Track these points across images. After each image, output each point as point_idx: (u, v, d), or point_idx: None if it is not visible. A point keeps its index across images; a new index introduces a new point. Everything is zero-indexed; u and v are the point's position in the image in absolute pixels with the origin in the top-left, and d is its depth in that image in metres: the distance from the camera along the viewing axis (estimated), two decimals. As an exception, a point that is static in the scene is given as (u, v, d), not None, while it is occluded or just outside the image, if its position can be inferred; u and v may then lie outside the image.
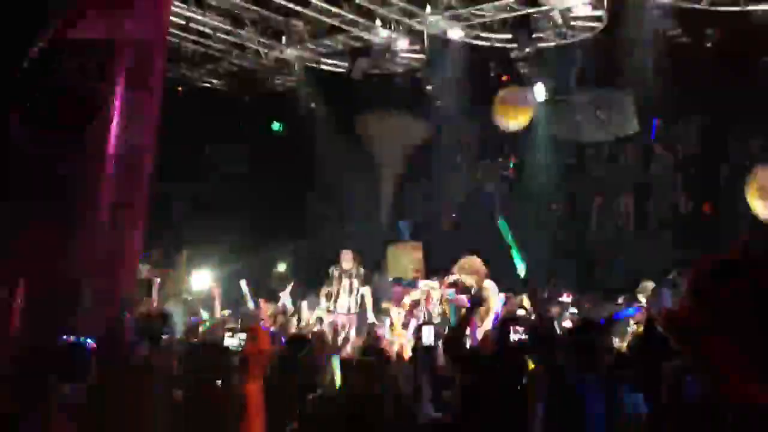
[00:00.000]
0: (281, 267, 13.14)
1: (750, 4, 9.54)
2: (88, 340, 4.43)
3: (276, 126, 17.06)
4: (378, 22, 11.57)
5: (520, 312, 7.99)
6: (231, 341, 4.16)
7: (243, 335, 4.05)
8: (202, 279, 9.68)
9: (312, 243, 14.57)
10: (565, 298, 8.99)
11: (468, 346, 4.71)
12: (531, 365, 3.94)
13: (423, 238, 11.52)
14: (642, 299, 8.54)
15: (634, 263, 10.84)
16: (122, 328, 5.25)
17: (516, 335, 4.09)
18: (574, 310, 8.91)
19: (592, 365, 3.81)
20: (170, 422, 4.08)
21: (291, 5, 11.33)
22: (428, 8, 10.97)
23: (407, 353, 7.00)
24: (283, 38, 12.55)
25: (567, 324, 8.02)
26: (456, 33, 11.49)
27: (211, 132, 16.64)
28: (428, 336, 4.33)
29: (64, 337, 4.46)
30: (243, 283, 9.22)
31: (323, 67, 13.27)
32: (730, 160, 12.15)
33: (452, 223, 13.45)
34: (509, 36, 11.09)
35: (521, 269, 8.78)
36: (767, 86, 10.83)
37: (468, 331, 6.35)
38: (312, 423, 4.08)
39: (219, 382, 4.07)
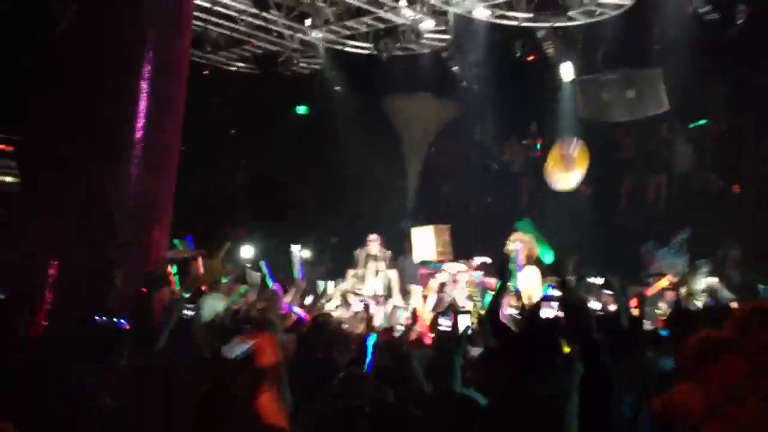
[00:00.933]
0: (305, 253, 13.16)
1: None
2: (121, 321, 4.49)
3: (301, 109, 17.09)
4: (403, 3, 11.49)
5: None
6: (236, 350, 3.51)
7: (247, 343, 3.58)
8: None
9: (340, 226, 14.60)
10: (596, 280, 8.90)
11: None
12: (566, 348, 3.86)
13: (449, 220, 11.45)
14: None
15: (663, 245, 10.71)
16: (151, 307, 5.31)
17: (549, 311, 4.04)
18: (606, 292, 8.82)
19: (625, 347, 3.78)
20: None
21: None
22: (453, -12, 10.88)
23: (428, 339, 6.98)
24: (308, 20, 12.52)
25: (596, 305, 7.96)
26: (481, 12, 11.37)
27: (237, 115, 16.74)
28: (463, 325, 4.23)
29: (96, 318, 4.52)
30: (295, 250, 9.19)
31: (348, 49, 13.22)
32: (760, 141, 11.94)
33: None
34: (535, 14, 10.94)
35: (548, 258, 8.77)
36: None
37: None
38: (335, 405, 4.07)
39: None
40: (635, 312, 4.75)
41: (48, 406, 3.44)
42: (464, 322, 4.27)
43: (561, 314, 4.12)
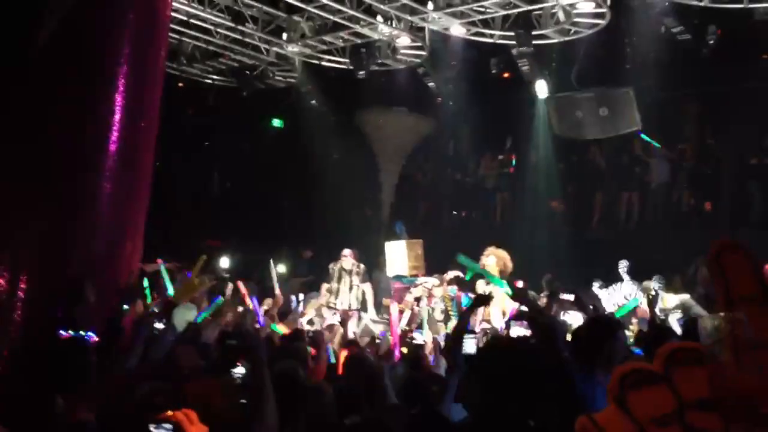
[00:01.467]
0: (280, 267, 13.12)
1: (752, 2, 9.51)
2: (89, 334, 4.41)
3: (276, 122, 17.08)
4: (379, 19, 11.56)
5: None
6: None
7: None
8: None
9: (315, 239, 14.56)
10: (566, 296, 8.95)
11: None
12: None
13: (422, 235, 11.49)
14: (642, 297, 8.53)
15: (635, 261, 10.83)
16: (120, 322, 5.24)
17: (519, 329, 4.02)
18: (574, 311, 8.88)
19: (601, 363, 3.77)
20: None
21: (292, 1, 11.32)
22: (430, 5, 10.95)
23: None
24: (284, 35, 12.54)
25: (569, 321, 8.01)
26: (457, 29, 11.47)
27: (211, 127, 16.68)
28: (470, 347, 4.10)
29: (62, 332, 4.44)
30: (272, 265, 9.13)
31: (324, 63, 13.25)
32: (731, 158, 12.15)
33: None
34: (510, 33, 11.07)
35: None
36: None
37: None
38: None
39: None
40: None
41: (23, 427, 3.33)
42: (469, 342, 4.13)
43: (529, 333, 4.12)
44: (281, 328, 6.67)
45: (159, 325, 5.30)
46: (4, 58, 5.73)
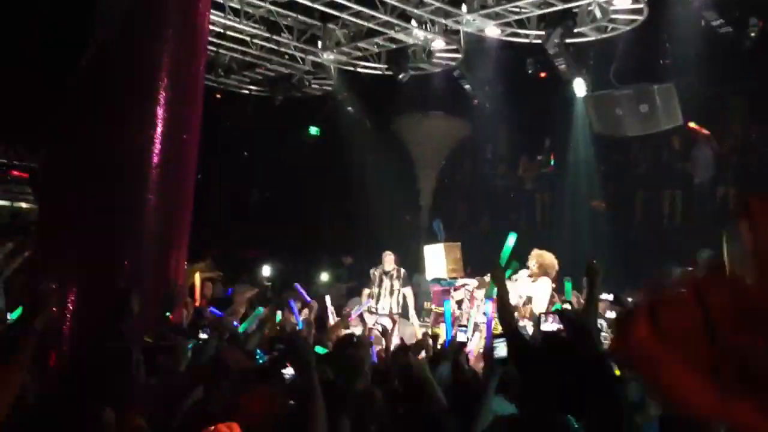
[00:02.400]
0: (324, 276, 13.20)
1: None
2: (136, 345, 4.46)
3: (313, 130, 17.19)
4: (414, 23, 11.56)
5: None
6: None
7: None
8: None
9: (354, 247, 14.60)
10: (606, 296, 8.81)
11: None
12: None
13: (462, 239, 11.43)
14: None
15: (679, 260, 10.63)
16: (164, 330, 5.30)
17: (551, 325, 3.96)
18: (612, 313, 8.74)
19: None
20: None
21: (327, 9, 11.38)
22: (464, 7, 10.91)
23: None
24: (319, 43, 12.62)
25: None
26: (492, 31, 11.41)
27: (249, 138, 16.85)
28: (501, 350, 4.06)
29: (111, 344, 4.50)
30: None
31: (359, 70, 13.30)
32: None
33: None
34: (546, 32, 10.96)
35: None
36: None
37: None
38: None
39: None
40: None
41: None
42: (500, 345, 4.09)
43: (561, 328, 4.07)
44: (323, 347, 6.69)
45: (203, 335, 5.37)
46: (53, 79, 5.87)
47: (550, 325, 4.94)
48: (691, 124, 11.94)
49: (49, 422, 3.17)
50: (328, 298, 9.63)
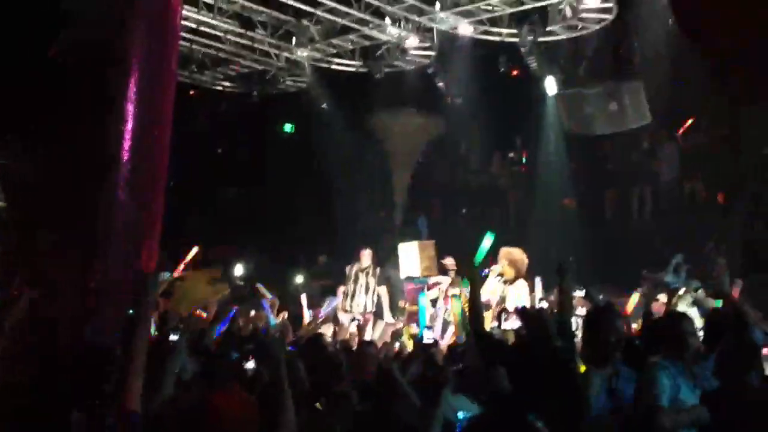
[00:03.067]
0: (299, 276, 13.19)
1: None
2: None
3: (288, 127, 17.15)
4: (388, 21, 11.60)
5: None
6: None
7: None
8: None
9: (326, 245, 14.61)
10: (578, 292, 8.92)
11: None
12: None
13: (436, 236, 11.51)
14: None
15: (649, 256, 10.80)
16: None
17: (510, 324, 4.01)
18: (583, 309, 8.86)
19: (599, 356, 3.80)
20: None
21: (301, 6, 11.38)
22: (437, 5, 10.98)
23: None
24: (294, 39, 12.61)
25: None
26: (465, 29, 11.49)
27: (223, 134, 16.77)
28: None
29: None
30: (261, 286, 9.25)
31: (334, 66, 13.31)
32: (743, 149, 12.07)
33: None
34: (517, 30, 11.06)
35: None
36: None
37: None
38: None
39: None
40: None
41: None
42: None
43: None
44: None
45: (174, 337, 5.36)
46: (19, 75, 5.82)
47: (512, 323, 5.02)
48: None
49: (20, 423, 3.17)
50: (303, 297, 9.66)
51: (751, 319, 4.68)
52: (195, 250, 8.69)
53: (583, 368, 3.86)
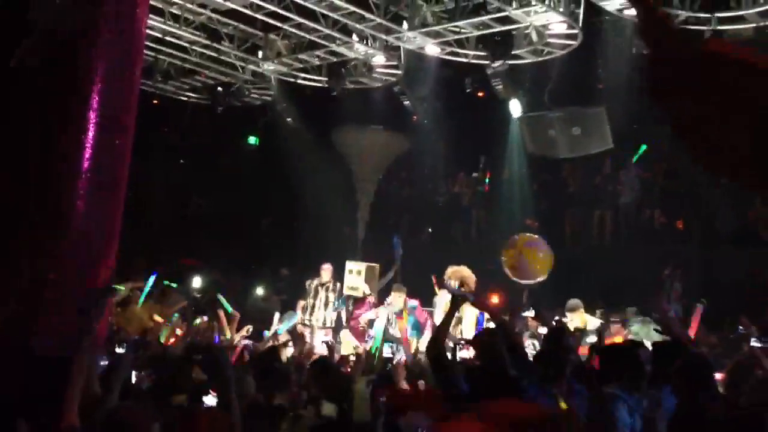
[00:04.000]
0: (260, 289, 13.09)
1: (722, 24, 9.70)
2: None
3: (252, 140, 17.08)
4: (355, 38, 11.64)
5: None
6: None
7: None
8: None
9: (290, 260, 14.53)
10: (527, 312, 8.95)
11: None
12: None
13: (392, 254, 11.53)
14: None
15: (609, 279, 10.94)
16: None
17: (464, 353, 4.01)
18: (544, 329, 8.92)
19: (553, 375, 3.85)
20: None
21: (268, 20, 11.37)
22: (405, 24, 11.05)
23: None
24: (260, 53, 12.58)
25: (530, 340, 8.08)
26: (432, 49, 11.58)
27: (187, 145, 16.62)
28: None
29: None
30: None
31: (300, 81, 13.30)
32: (698, 177, 12.31)
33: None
34: (484, 53, 11.19)
35: None
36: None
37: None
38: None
39: None
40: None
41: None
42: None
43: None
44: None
45: (119, 350, 5.28)
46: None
47: (466, 353, 5.06)
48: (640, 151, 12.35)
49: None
50: (276, 315, 9.62)
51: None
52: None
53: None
